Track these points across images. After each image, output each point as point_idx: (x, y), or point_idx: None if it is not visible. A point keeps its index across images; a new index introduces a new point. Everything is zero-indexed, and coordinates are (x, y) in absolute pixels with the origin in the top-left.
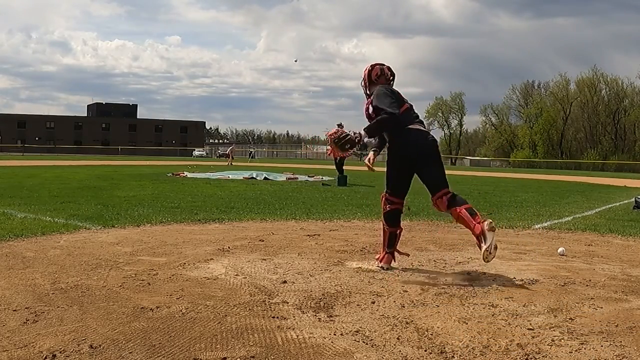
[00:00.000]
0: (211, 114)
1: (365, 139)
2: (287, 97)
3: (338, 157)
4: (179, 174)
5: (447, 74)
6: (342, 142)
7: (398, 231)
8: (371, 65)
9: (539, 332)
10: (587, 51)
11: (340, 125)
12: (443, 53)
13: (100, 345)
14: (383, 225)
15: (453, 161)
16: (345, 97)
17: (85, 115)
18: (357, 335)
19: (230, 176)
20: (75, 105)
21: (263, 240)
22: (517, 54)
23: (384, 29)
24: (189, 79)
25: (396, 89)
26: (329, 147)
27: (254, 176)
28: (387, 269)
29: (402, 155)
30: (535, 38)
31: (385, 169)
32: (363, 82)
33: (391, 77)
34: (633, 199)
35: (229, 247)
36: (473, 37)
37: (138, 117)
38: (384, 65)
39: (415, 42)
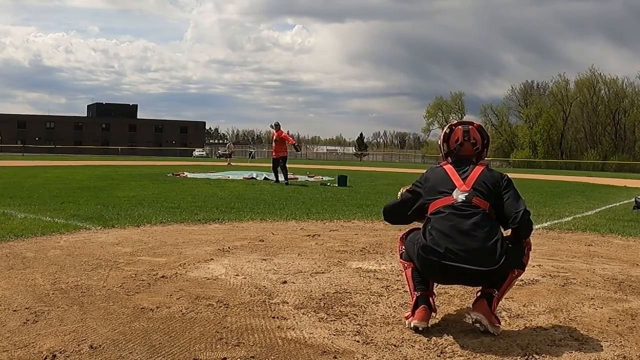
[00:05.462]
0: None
1: None
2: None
3: None
4: (179, 174)
5: (399, 66)
6: None
7: None
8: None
9: (539, 332)
10: (537, 33)
11: (277, 125)
12: (385, 40)
13: (100, 346)
14: None
15: None
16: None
17: (85, 115)
18: (357, 335)
19: (230, 176)
20: None
21: (263, 241)
22: (462, 39)
23: (308, 13)
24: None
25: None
26: None
27: (254, 176)
28: None
29: None
30: (477, 20)
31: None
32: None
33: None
34: (633, 199)
35: (229, 247)
36: (408, 20)
37: (138, 117)
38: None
39: (348, 27)
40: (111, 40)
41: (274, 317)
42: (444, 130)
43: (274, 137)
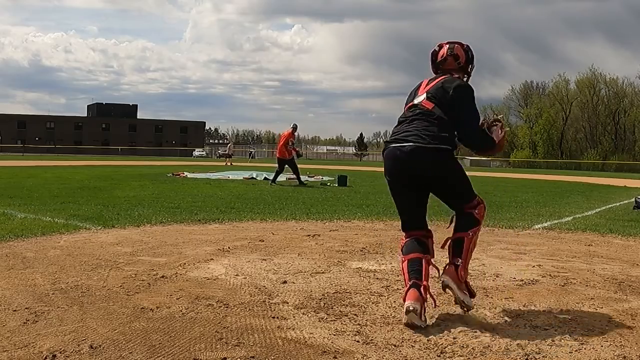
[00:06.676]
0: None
1: None
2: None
3: None
4: (179, 174)
5: (399, 65)
6: None
7: None
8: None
9: (539, 332)
10: (536, 33)
11: (294, 127)
12: (384, 40)
13: (100, 345)
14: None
15: None
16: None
17: (85, 115)
18: (357, 335)
19: (230, 176)
20: None
21: (263, 241)
22: (461, 39)
23: (307, 13)
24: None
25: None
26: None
27: (254, 176)
28: None
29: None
30: (476, 19)
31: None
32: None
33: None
34: (633, 199)
35: (229, 247)
36: (408, 20)
37: (138, 117)
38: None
39: (348, 27)
40: (110, 40)
41: (274, 317)
42: (434, 49)
43: (292, 139)
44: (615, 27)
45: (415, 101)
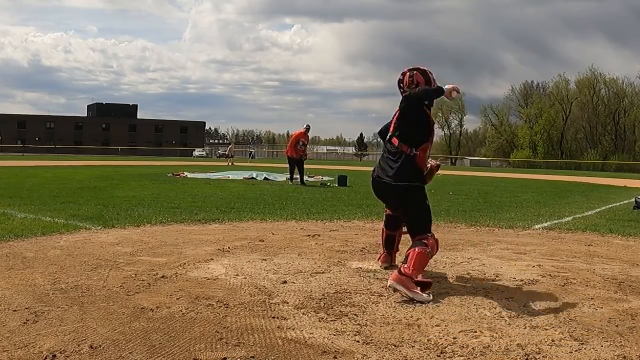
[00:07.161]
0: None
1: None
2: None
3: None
4: (179, 174)
5: (399, 65)
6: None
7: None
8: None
9: (539, 332)
10: (536, 33)
11: (307, 128)
12: (384, 40)
13: (100, 345)
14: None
15: (453, 161)
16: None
17: (85, 115)
18: (357, 335)
19: (230, 176)
20: None
21: (263, 241)
22: (461, 39)
23: (306, 13)
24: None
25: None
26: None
27: (254, 176)
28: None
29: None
30: (476, 19)
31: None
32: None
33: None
34: (633, 199)
35: (229, 247)
36: (407, 19)
37: (138, 117)
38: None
39: (347, 27)
40: (110, 40)
41: (274, 317)
42: (399, 77)
43: (304, 139)
44: (615, 27)
45: (389, 136)
